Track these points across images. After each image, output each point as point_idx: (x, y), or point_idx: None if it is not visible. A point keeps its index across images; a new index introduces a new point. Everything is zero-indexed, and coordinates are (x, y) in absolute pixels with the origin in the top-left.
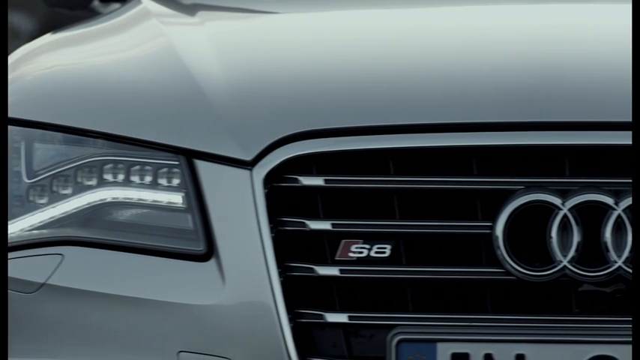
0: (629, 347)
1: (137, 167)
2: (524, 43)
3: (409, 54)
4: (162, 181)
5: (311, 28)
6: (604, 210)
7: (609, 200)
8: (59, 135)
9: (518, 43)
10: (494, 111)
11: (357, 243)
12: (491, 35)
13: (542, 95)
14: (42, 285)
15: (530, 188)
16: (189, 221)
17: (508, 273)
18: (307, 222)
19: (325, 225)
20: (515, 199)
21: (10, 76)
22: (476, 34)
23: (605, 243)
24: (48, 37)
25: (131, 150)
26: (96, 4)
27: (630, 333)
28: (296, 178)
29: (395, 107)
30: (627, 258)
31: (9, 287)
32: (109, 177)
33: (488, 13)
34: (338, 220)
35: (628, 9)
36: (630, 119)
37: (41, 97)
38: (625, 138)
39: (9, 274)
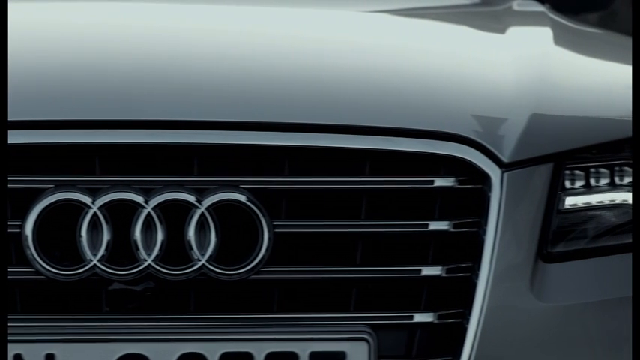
0: (157, 344)
1: None
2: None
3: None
4: None
5: None
6: (134, 208)
7: (139, 199)
8: None
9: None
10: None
11: None
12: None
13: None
14: None
15: (60, 187)
16: None
17: (38, 272)
18: None
19: None
20: (44, 199)
21: None
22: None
23: (135, 241)
24: None
25: None
26: None
27: (158, 331)
28: None
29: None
30: (157, 256)
31: None
32: None
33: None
34: None
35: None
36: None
37: None
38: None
39: None
